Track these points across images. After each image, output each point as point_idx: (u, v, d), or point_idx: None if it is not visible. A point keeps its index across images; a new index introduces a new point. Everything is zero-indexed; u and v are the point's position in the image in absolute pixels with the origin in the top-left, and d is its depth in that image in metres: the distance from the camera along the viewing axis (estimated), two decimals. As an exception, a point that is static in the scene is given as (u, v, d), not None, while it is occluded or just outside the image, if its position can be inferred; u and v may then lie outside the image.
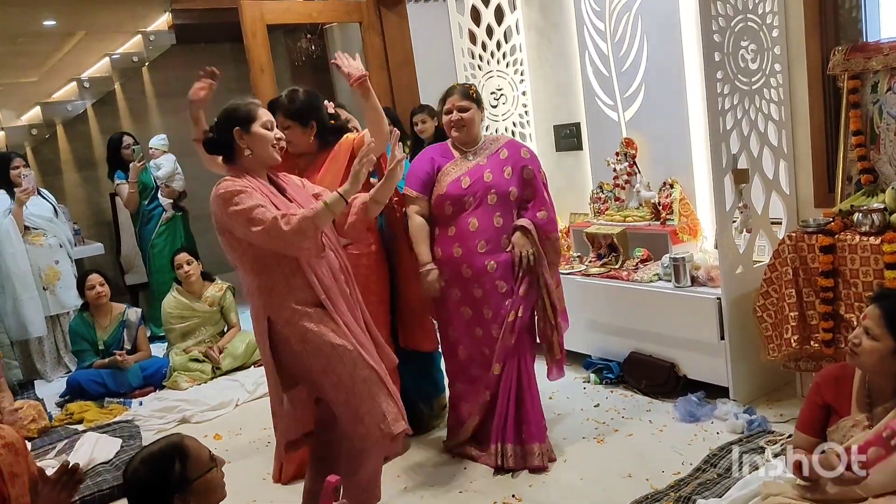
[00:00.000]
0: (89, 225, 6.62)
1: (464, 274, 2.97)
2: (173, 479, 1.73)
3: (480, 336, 3.02)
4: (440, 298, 3.04)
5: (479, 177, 2.96)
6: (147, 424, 3.90)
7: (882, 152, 2.96)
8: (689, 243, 3.58)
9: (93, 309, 4.60)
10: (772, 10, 3.21)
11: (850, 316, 2.79)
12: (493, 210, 2.95)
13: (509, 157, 3.01)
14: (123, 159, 5.51)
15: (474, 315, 3.01)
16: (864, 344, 2.03)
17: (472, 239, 2.94)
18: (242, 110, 2.38)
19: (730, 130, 3.10)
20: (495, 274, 2.95)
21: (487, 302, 2.97)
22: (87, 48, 6.54)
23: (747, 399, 3.21)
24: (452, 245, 2.97)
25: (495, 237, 2.95)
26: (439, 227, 3.02)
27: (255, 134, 2.36)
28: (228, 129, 2.35)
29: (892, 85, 2.91)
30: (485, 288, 2.96)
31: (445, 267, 2.99)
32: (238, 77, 6.97)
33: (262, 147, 2.37)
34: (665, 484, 2.67)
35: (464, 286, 2.99)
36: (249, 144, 2.35)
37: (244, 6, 5.06)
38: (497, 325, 2.97)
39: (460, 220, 2.96)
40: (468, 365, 3.06)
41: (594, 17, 3.89)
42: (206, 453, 1.82)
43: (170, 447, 1.79)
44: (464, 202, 2.95)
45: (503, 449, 2.97)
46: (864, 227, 2.74)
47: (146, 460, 1.79)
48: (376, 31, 5.63)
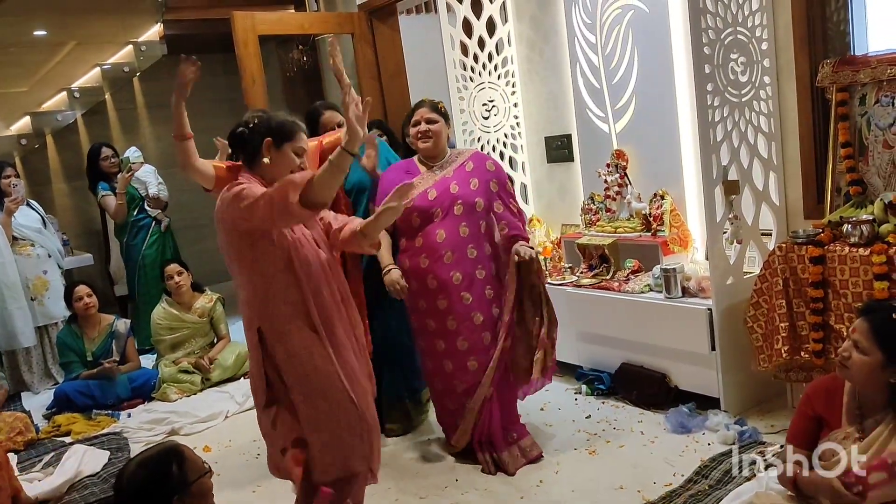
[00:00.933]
0: (78, 235, 6.58)
1: (429, 285, 3.01)
2: (172, 480, 1.74)
3: (443, 349, 3.06)
4: (409, 308, 3.11)
5: (446, 188, 3.02)
6: (136, 436, 3.86)
7: (870, 164, 2.98)
8: (680, 254, 3.59)
9: (81, 320, 4.57)
10: (761, 23, 3.23)
11: (839, 326, 2.80)
12: (459, 220, 3.00)
13: (475, 169, 3.08)
14: (104, 170, 5.48)
15: (437, 327, 3.04)
16: (854, 357, 2.02)
17: (438, 250, 2.99)
18: (285, 127, 2.35)
19: (720, 142, 3.12)
20: (461, 286, 2.99)
21: (451, 313, 3.00)
22: (77, 58, 6.52)
23: (738, 410, 3.21)
24: (419, 256, 3.01)
25: (461, 248, 3.00)
26: (406, 238, 3.06)
27: (283, 153, 2.33)
28: (261, 136, 2.32)
29: (880, 97, 2.94)
30: (450, 299, 3.00)
31: (412, 278, 3.02)
32: (229, 87, 6.97)
33: (283, 169, 2.32)
34: (657, 495, 2.66)
35: (429, 297, 3.03)
36: (273, 159, 2.32)
37: (236, 17, 5.06)
38: (462, 336, 3.01)
39: (427, 231, 3.00)
40: (436, 375, 3.13)
41: (585, 29, 3.91)
42: (201, 458, 1.84)
43: (166, 451, 1.80)
44: (431, 214, 3.00)
45: (499, 458, 3.02)
46: (853, 238, 2.76)
47: (143, 464, 1.79)
48: (368, 42, 5.64)
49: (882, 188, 2.94)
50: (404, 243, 3.07)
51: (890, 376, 1.99)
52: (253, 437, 3.63)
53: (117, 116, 6.99)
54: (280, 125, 2.35)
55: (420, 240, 3.02)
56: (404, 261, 3.06)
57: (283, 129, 2.34)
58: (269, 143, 2.32)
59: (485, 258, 3.06)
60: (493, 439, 3.05)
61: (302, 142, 2.38)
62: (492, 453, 3.05)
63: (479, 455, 3.07)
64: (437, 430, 3.44)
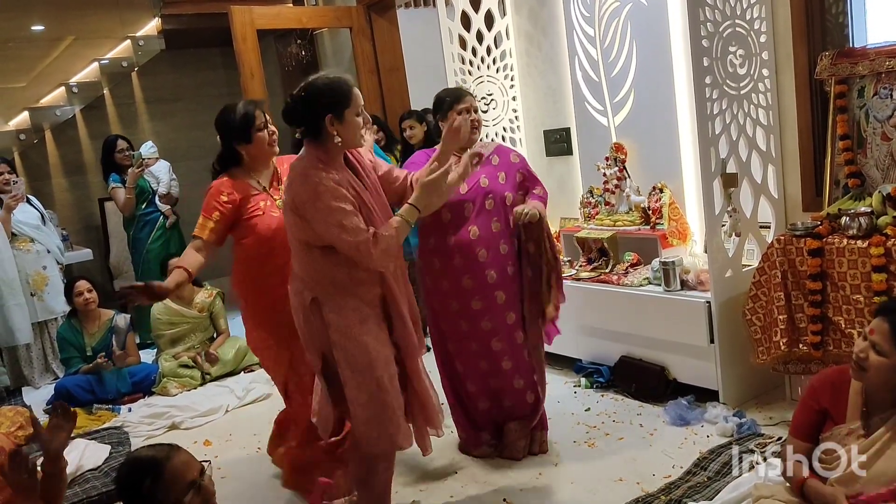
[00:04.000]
0: (78, 230, 6.58)
1: (464, 285, 2.90)
2: (140, 495, 1.73)
3: (475, 350, 2.98)
4: (436, 310, 2.99)
5: (476, 182, 2.91)
6: (136, 431, 3.87)
7: (869, 156, 2.99)
8: (679, 247, 3.59)
9: (81, 315, 4.57)
10: (759, 15, 3.23)
11: (838, 319, 2.81)
12: (491, 215, 2.91)
13: (501, 163, 3.00)
14: (117, 162, 5.46)
15: (469, 329, 2.95)
16: (872, 359, 1.97)
17: (473, 248, 2.88)
18: (341, 92, 2.22)
19: (718, 135, 3.12)
20: (495, 284, 2.91)
21: (487, 313, 2.92)
22: (75, 53, 6.52)
23: (737, 402, 3.22)
24: (452, 254, 2.89)
25: (494, 244, 2.90)
26: (434, 236, 2.92)
27: (347, 122, 2.24)
28: (320, 115, 2.21)
29: (879, 90, 2.94)
30: (485, 300, 2.91)
31: (443, 279, 2.92)
32: (228, 82, 6.98)
33: (353, 136, 2.27)
34: (656, 487, 2.67)
35: (463, 298, 2.92)
36: (340, 132, 2.23)
37: (234, 11, 5.06)
38: (497, 336, 2.95)
39: (460, 228, 2.88)
40: (468, 377, 3.05)
41: (583, 22, 3.91)
42: (188, 478, 1.76)
43: (149, 462, 1.77)
44: (463, 208, 2.89)
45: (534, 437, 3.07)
46: (851, 230, 2.76)
47: (130, 464, 1.80)
48: (366, 36, 5.64)
49: (880, 180, 2.94)
50: (432, 242, 2.93)
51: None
52: (253, 432, 3.65)
53: (116, 111, 6.99)
54: (334, 93, 2.22)
55: (452, 237, 2.88)
56: (433, 261, 2.93)
57: (339, 97, 2.22)
58: (332, 119, 2.21)
59: (513, 255, 2.96)
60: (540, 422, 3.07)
61: (358, 99, 2.27)
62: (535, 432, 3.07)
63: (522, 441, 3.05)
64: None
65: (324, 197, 2.19)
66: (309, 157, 2.28)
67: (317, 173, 2.22)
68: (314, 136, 2.28)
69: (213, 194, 2.81)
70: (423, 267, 2.99)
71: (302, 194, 2.23)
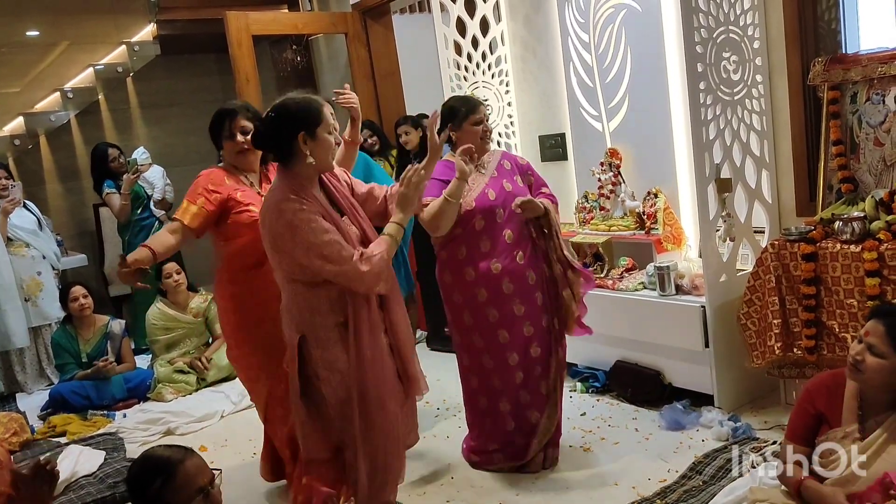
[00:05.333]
0: (72, 236, 6.56)
1: (505, 290, 2.84)
2: (149, 493, 1.73)
3: (517, 362, 2.89)
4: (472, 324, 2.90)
5: (500, 187, 2.89)
6: (131, 437, 3.86)
7: (862, 161, 3.00)
8: (674, 252, 3.60)
9: (76, 321, 4.57)
10: (753, 21, 3.25)
11: (831, 323, 2.82)
12: (520, 218, 2.88)
13: (513, 168, 3.01)
14: (110, 169, 5.45)
15: (512, 338, 2.87)
16: (869, 361, 1.99)
17: (510, 251, 2.84)
18: (312, 110, 2.17)
19: (713, 140, 3.13)
20: (535, 286, 2.89)
21: (529, 317, 2.87)
22: (70, 59, 6.51)
23: (732, 406, 3.23)
24: (489, 261, 2.83)
25: (529, 246, 2.89)
26: (467, 245, 2.85)
27: (320, 140, 2.18)
28: (292, 133, 2.15)
29: (871, 95, 2.96)
30: (528, 304, 2.87)
31: (483, 287, 2.84)
32: (223, 88, 6.98)
33: (325, 155, 2.21)
34: (651, 492, 2.68)
35: (504, 304, 2.85)
36: (313, 151, 2.17)
37: (230, 17, 5.07)
38: (537, 342, 2.90)
39: (494, 233, 2.85)
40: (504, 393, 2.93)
41: (578, 28, 3.92)
42: (198, 484, 1.76)
43: (163, 463, 1.76)
44: (495, 214, 2.85)
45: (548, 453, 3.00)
46: (844, 235, 2.78)
47: (144, 462, 1.79)
48: (362, 42, 5.65)
49: (873, 185, 2.96)
50: (464, 251, 2.86)
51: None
52: (249, 437, 3.64)
53: (111, 117, 6.97)
54: (304, 111, 2.17)
55: (487, 243, 2.84)
56: (447, 276, 2.90)
57: (309, 115, 2.17)
58: (304, 137, 2.16)
59: (542, 256, 2.94)
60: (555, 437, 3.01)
61: (329, 117, 2.21)
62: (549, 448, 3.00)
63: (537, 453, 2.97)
64: (432, 429, 3.47)
65: (301, 230, 2.13)
66: (281, 188, 2.21)
67: (290, 206, 2.15)
68: (286, 160, 2.22)
69: (201, 181, 2.73)
70: (440, 282, 2.93)
71: (278, 229, 2.17)
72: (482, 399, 2.99)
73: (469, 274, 2.86)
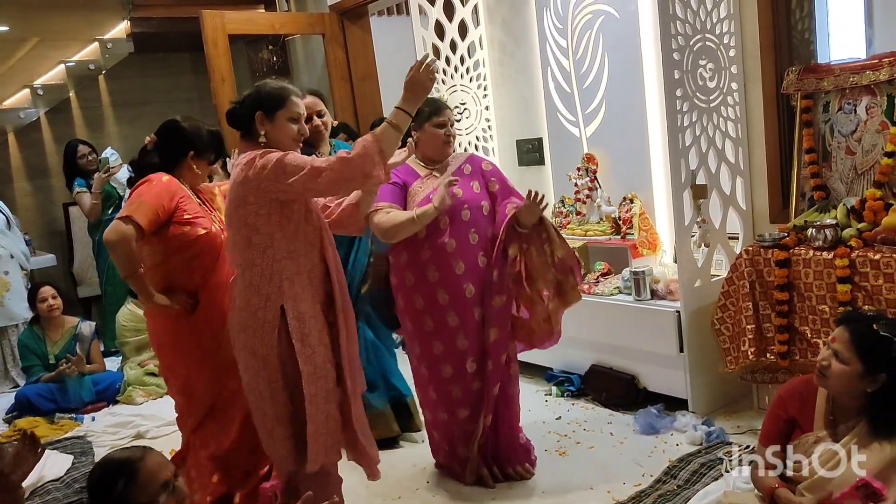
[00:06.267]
0: (41, 235, 6.44)
1: (440, 300, 2.77)
2: (113, 496, 1.70)
3: (450, 374, 2.83)
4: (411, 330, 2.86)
5: (450, 193, 2.75)
6: (100, 440, 3.80)
7: (834, 170, 3.05)
8: (649, 257, 3.63)
9: (44, 322, 4.48)
10: (729, 30, 3.29)
11: (804, 329, 2.85)
12: (468, 227, 2.78)
13: (473, 172, 2.90)
14: (79, 166, 5.36)
15: (446, 349, 2.81)
16: (834, 367, 2.03)
17: (449, 261, 2.75)
18: (274, 95, 2.28)
19: (689, 147, 3.16)
20: (473, 299, 2.79)
21: (463, 330, 2.79)
22: (41, 55, 6.39)
23: (706, 411, 3.25)
24: (426, 269, 2.76)
25: (472, 257, 2.78)
26: (407, 251, 2.78)
27: (277, 123, 2.28)
28: (252, 110, 2.27)
29: (843, 105, 3.00)
30: (462, 316, 2.78)
31: (418, 295, 2.79)
32: (198, 87, 6.90)
33: (280, 139, 2.28)
34: (626, 496, 2.69)
35: (438, 315, 2.78)
36: (268, 132, 2.28)
37: (205, 16, 5.01)
38: (472, 357, 2.81)
39: (434, 241, 2.75)
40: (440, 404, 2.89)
41: (556, 33, 3.94)
42: (161, 479, 1.74)
43: (123, 463, 1.75)
44: (439, 220, 2.74)
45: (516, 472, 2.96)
46: (817, 241, 2.81)
47: (104, 466, 1.77)
48: (339, 43, 5.62)
49: (845, 193, 3.01)
50: (405, 257, 2.79)
51: (867, 385, 2.01)
52: (221, 441, 3.58)
53: (82, 115, 6.86)
54: (269, 94, 2.28)
55: (427, 251, 2.75)
56: (408, 276, 2.79)
57: (272, 98, 2.27)
58: (261, 117, 2.26)
59: (498, 264, 2.82)
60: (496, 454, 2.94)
61: (295, 106, 2.30)
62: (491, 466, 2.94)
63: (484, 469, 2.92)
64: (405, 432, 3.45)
65: (279, 157, 2.18)
66: (248, 149, 2.29)
67: (262, 150, 2.23)
68: (247, 137, 2.31)
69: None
70: (397, 284, 2.86)
71: (252, 170, 2.19)
72: (441, 409, 2.90)
73: (408, 279, 2.81)
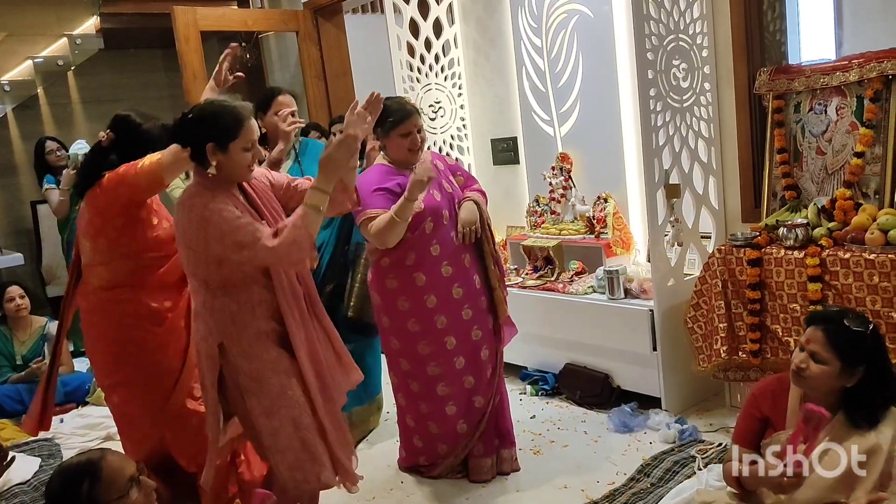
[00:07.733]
0: (7, 234, 6.31)
1: (427, 304, 2.75)
2: (81, 499, 1.66)
3: (438, 374, 2.82)
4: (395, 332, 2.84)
5: (440, 188, 2.80)
6: (68, 442, 3.72)
7: (805, 170, 3.08)
8: (623, 256, 3.65)
9: (11, 322, 4.39)
10: (702, 30, 3.31)
11: (775, 327, 2.88)
12: (449, 229, 2.78)
13: (445, 168, 2.92)
14: (47, 162, 5.26)
15: (434, 350, 2.80)
16: (812, 368, 2.01)
17: (436, 264, 2.74)
18: (230, 122, 2.07)
19: (662, 146, 3.18)
20: (461, 300, 2.79)
21: (452, 331, 2.79)
22: (8, 50, 6.25)
23: (679, 409, 3.27)
24: (412, 273, 2.74)
25: (457, 258, 2.78)
26: (416, 250, 2.73)
27: (232, 156, 2.08)
28: (201, 140, 2.06)
29: (814, 105, 3.04)
30: (451, 318, 2.78)
31: (405, 298, 2.76)
32: (170, 84, 6.81)
33: (236, 170, 2.11)
34: (600, 494, 2.70)
35: (426, 318, 2.77)
36: (222, 164, 2.08)
37: (177, 11, 4.95)
38: (485, 346, 2.86)
39: (418, 244, 2.72)
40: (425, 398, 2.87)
41: (531, 33, 3.94)
42: (126, 474, 1.72)
43: (84, 465, 1.71)
44: (442, 216, 2.75)
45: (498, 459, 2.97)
46: (788, 241, 2.84)
47: (61, 474, 1.73)
48: (313, 41, 5.58)
49: (815, 193, 3.04)
50: (387, 262, 2.76)
51: (845, 381, 2.01)
52: (193, 442, 3.54)
53: (50, 112, 6.73)
54: (221, 125, 2.07)
55: (412, 255, 2.72)
56: (391, 281, 2.76)
57: (225, 129, 2.07)
58: (213, 148, 2.06)
59: (476, 264, 2.86)
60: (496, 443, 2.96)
61: (249, 133, 2.10)
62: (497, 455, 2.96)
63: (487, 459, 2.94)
64: (378, 432, 3.43)
65: (211, 222, 2.04)
66: (195, 185, 2.13)
67: (201, 200, 2.06)
68: (199, 165, 2.14)
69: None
70: (378, 288, 2.82)
71: (188, 224, 2.08)
72: (423, 405, 2.90)
73: (391, 284, 2.77)
